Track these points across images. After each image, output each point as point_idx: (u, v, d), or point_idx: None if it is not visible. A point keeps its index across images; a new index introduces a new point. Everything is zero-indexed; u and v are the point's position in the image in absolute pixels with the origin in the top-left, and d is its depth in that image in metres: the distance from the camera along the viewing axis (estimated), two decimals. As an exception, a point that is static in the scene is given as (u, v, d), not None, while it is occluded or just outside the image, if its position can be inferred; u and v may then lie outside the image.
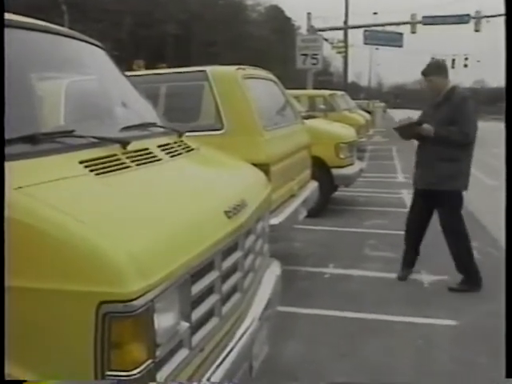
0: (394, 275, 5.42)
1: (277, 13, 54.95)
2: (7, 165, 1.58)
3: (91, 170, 1.89)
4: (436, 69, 4.91)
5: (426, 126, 4.86)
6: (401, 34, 27.60)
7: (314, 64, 20.60)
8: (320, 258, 5.99)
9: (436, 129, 4.80)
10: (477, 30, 26.50)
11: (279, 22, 52.96)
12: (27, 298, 1.49)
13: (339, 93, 17.17)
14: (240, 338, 2.27)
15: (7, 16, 2.20)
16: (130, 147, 2.19)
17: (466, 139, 4.72)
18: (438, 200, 4.96)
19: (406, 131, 5.06)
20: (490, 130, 16.78)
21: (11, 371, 1.48)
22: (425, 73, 4.94)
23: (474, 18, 26.34)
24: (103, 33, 30.36)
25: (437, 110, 4.88)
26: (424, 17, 26.69)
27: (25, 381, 1.45)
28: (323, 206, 7.84)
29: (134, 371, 1.52)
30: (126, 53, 29.95)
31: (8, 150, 1.64)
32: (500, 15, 28.19)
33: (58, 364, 1.52)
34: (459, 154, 4.81)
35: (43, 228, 1.47)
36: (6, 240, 1.43)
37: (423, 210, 5.16)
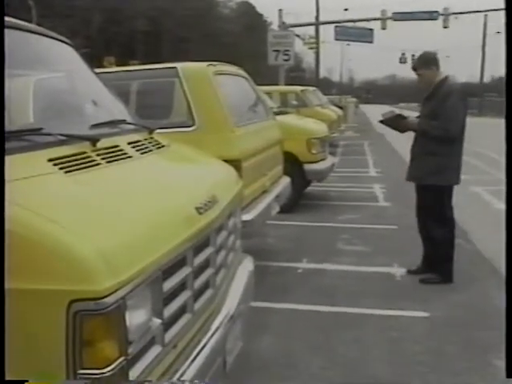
0: (367, 269, 5.48)
1: (248, 9, 54.90)
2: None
3: (60, 168, 1.87)
4: (424, 62, 4.85)
5: (411, 118, 4.94)
6: (371, 29, 27.84)
7: (286, 60, 20.67)
8: (293, 253, 6.02)
9: (418, 123, 4.86)
10: (445, 27, 26.88)
11: (251, 18, 52.91)
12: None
13: (311, 88, 17.24)
14: (213, 334, 2.28)
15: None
16: (99, 144, 2.17)
17: (445, 134, 4.67)
18: (425, 194, 4.95)
19: (395, 124, 5.07)
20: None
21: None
22: (414, 67, 4.91)
23: (442, 14, 26.71)
24: (72, 29, 29.97)
25: (426, 103, 4.91)
26: (394, 13, 26.97)
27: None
28: (296, 202, 7.88)
29: (107, 369, 1.51)
30: (97, 50, 29.66)
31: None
32: (467, 12, 28.66)
33: (30, 363, 1.51)
34: (446, 149, 4.76)
35: (11, 227, 1.45)
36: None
37: (422, 205, 5.11)
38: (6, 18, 2.52)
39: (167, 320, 1.87)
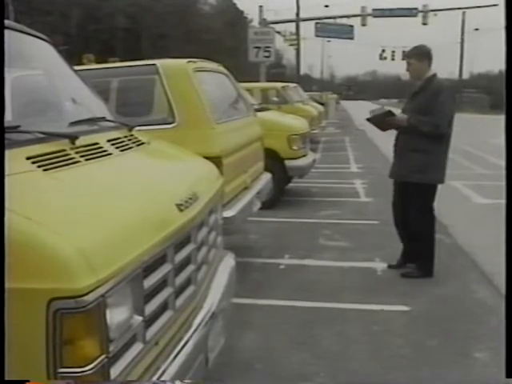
0: (348, 264, 5.51)
1: (229, 5, 54.78)
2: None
3: (39, 166, 1.85)
4: (417, 53, 4.83)
5: (400, 115, 4.85)
6: (351, 26, 27.98)
7: (267, 57, 20.66)
8: (275, 249, 6.04)
9: (408, 118, 4.74)
10: (424, 23, 27.09)
11: (231, 14, 52.80)
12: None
13: (292, 85, 17.25)
14: (195, 331, 2.28)
15: None
16: (78, 142, 2.16)
17: (436, 131, 4.63)
18: (408, 192, 4.88)
19: (380, 122, 4.95)
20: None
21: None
22: (408, 55, 4.92)
23: (421, 11, 26.92)
24: (51, 26, 29.68)
25: (414, 98, 4.87)
26: (374, 9, 27.11)
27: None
28: (278, 198, 7.89)
29: (88, 367, 1.51)
30: (76, 47, 29.36)
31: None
32: (446, 9, 28.91)
33: (10, 362, 1.50)
34: (432, 146, 4.72)
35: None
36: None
37: (401, 201, 5.04)
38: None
39: (148, 317, 1.87)
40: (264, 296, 4.64)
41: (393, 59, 40.27)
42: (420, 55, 4.81)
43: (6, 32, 2.67)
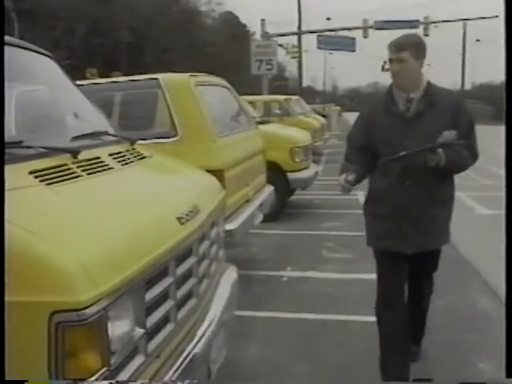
0: (351, 276, 5.51)
1: (231, 19, 55.04)
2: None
3: (41, 180, 1.88)
4: (414, 44, 2.98)
5: (440, 151, 2.86)
6: (353, 38, 28.08)
7: (269, 69, 20.79)
8: (278, 262, 6.04)
9: (447, 155, 2.89)
10: (426, 35, 27.16)
11: (234, 28, 53.04)
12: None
13: (294, 97, 17.34)
14: (197, 343, 2.29)
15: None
16: (80, 156, 2.18)
17: (473, 163, 3.18)
18: (431, 261, 3.40)
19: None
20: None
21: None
22: (396, 45, 2.98)
23: (422, 23, 27.03)
24: (56, 41, 29.89)
25: (415, 122, 2.98)
26: (375, 22, 27.22)
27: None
28: (280, 210, 7.90)
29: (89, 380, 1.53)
30: (80, 61, 29.55)
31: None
32: (447, 21, 29.04)
33: (13, 375, 1.51)
34: (452, 187, 3.23)
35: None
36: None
37: (416, 280, 3.43)
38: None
39: (150, 330, 1.89)
40: (266, 308, 4.64)
41: (395, 71, 40.35)
42: (417, 48, 2.99)
43: (11, 49, 2.72)
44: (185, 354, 2.17)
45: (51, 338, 1.48)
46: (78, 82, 4.86)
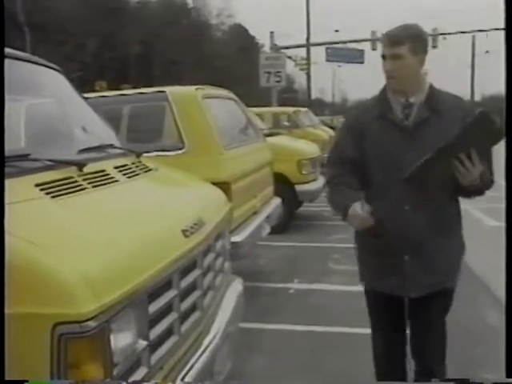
0: (357, 288, 5.48)
1: (241, 31, 55.40)
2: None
3: (47, 193, 1.90)
4: (413, 37, 2.39)
5: (478, 164, 2.24)
6: (362, 50, 28.13)
7: (278, 81, 20.88)
8: (285, 274, 6.04)
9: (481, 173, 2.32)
10: (434, 47, 27.20)
11: (243, 40, 53.38)
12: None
13: (303, 109, 17.36)
14: (201, 355, 2.29)
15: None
16: (86, 169, 2.21)
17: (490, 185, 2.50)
18: (440, 305, 2.71)
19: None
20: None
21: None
22: (393, 39, 2.38)
23: (431, 35, 27.03)
24: (67, 55, 30.19)
25: (416, 133, 2.40)
26: (383, 34, 27.26)
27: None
28: (288, 222, 7.91)
29: (92, 391, 1.54)
30: (91, 74, 29.81)
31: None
32: (455, 33, 29.07)
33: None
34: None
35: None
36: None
37: (420, 327, 2.76)
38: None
39: (153, 342, 1.89)
40: (273, 321, 4.63)
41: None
42: (417, 42, 2.39)
43: (20, 63, 2.76)
44: (188, 366, 2.18)
45: (54, 350, 1.49)
46: (88, 95, 4.94)
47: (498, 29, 26.23)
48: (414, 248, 2.45)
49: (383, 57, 2.42)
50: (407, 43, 2.35)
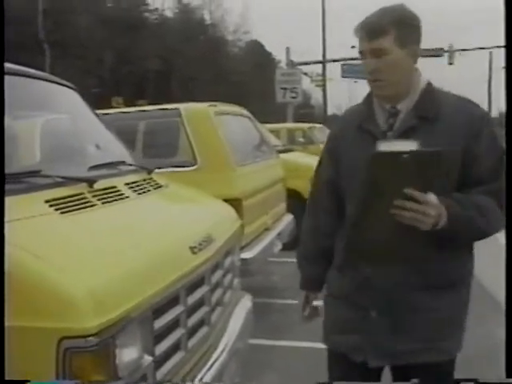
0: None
1: (257, 47, 55.72)
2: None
3: (56, 209, 1.94)
4: (399, 23, 1.80)
5: (433, 199, 1.65)
6: (378, 67, 28.15)
7: (294, 97, 20.94)
8: (296, 291, 5.98)
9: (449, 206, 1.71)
10: (450, 63, 27.15)
11: (259, 56, 53.67)
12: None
13: (318, 126, 17.38)
14: (208, 371, 2.30)
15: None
16: (96, 185, 2.24)
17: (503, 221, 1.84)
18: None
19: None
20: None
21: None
22: (372, 28, 1.82)
23: (447, 51, 27.02)
24: (85, 70, 30.60)
25: (403, 138, 1.83)
26: (400, 50, 27.28)
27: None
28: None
29: (96, 406, 1.56)
30: (108, 89, 30.17)
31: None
32: (471, 49, 29.01)
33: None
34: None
35: (6, 266, 1.52)
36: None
37: None
38: (17, 67, 2.66)
39: (159, 357, 1.91)
40: (284, 337, 4.62)
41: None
42: (404, 28, 1.81)
43: (37, 81, 2.83)
44: (195, 382, 2.19)
45: (59, 364, 1.51)
46: (105, 111, 5.02)
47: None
48: (382, 303, 1.88)
49: (361, 53, 1.86)
50: (391, 32, 1.77)
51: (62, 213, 1.93)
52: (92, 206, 2.11)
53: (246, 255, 4.07)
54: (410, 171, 1.58)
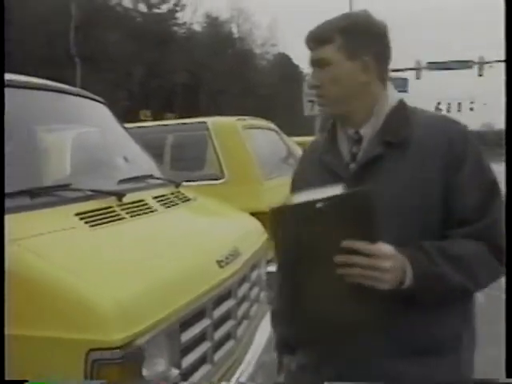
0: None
1: (285, 60, 55.85)
2: (6, 218, 1.67)
3: (86, 222, 1.97)
4: (347, 29, 1.48)
5: (390, 251, 1.30)
6: (405, 79, 28.02)
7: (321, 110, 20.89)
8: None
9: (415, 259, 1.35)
10: (480, 75, 26.89)
11: (287, 69, 53.78)
12: (23, 346, 1.56)
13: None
14: (233, 385, 2.30)
15: (16, 77, 2.38)
16: (125, 199, 2.28)
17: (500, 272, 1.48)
18: None
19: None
20: (500, 172, 16.74)
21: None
22: (316, 35, 1.51)
23: (477, 63, 26.77)
24: (114, 83, 31.06)
25: (366, 172, 1.46)
26: (428, 63, 27.15)
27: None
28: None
29: (123, 418, 1.57)
30: (137, 103, 30.57)
31: (7, 203, 1.75)
32: (502, 61, 28.68)
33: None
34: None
35: (35, 278, 1.55)
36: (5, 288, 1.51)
37: None
38: (51, 83, 2.74)
39: (186, 370, 1.92)
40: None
41: (448, 112, 39.99)
42: (354, 36, 1.48)
43: (70, 97, 2.90)
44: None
45: (87, 375, 1.53)
46: (134, 125, 5.10)
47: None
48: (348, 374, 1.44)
49: (311, 65, 1.55)
50: (335, 40, 1.47)
51: (92, 226, 1.97)
52: (121, 219, 2.14)
53: (272, 268, 4.06)
54: (333, 221, 1.24)
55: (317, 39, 1.50)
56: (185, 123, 5.35)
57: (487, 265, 1.42)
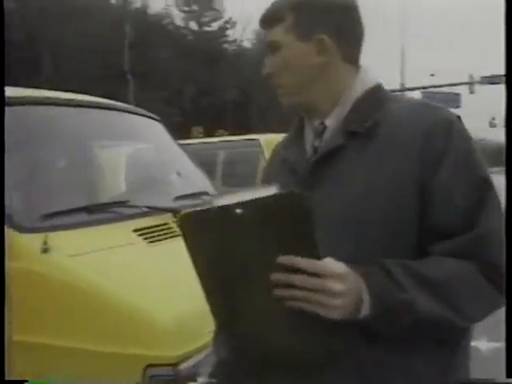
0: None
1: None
2: (65, 234, 1.72)
3: (144, 238, 2.00)
4: (304, 6, 1.22)
5: (340, 268, 0.98)
6: (458, 94, 27.57)
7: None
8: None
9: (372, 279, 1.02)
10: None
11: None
12: (78, 359, 1.58)
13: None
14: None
15: (75, 96, 2.45)
16: (181, 216, 2.29)
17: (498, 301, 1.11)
18: None
19: None
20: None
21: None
22: (268, 15, 1.27)
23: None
24: (167, 101, 31.63)
25: (323, 164, 1.18)
26: (482, 77, 26.62)
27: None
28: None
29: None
30: (189, 119, 30.99)
31: (66, 219, 1.79)
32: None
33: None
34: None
35: (93, 294, 1.58)
36: (60, 303, 1.54)
37: None
38: (107, 101, 2.81)
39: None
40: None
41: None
42: (308, 13, 1.22)
43: (126, 114, 2.97)
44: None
45: (145, 390, 1.55)
46: (188, 141, 5.17)
47: None
48: None
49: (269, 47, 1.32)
50: (286, 18, 1.23)
51: (150, 242, 1.99)
52: (177, 235, 2.16)
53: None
54: (260, 231, 0.97)
55: (267, 19, 1.27)
56: (237, 140, 5.41)
57: (477, 290, 1.07)
